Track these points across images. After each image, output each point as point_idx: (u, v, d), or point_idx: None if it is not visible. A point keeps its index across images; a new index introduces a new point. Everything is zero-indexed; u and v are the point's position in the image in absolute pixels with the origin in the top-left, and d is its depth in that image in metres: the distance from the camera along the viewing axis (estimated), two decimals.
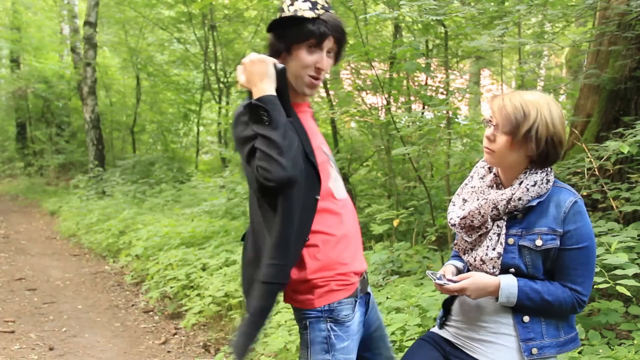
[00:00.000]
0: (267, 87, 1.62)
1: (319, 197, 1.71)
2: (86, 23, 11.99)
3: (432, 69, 5.91)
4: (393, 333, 3.05)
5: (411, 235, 4.95)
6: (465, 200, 1.78)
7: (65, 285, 5.91)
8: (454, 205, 1.81)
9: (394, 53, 5.31)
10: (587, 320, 2.90)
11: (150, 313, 5.01)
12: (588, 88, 4.60)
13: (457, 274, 1.82)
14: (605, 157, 3.34)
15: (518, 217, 1.67)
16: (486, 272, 1.70)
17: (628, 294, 2.53)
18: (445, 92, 5.74)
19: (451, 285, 1.70)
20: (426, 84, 6.39)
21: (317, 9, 1.68)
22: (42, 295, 5.48)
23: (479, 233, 1.71)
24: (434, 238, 4.46)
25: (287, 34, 1.70)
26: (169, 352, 4.13)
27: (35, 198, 13.04)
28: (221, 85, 11.04)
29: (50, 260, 7.15)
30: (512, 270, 1.67)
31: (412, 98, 6.61)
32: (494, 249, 1.67)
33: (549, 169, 1.67)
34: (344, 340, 1.74)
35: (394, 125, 4.84)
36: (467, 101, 8.63)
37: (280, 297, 1.76)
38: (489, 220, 1.68)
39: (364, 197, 6.67)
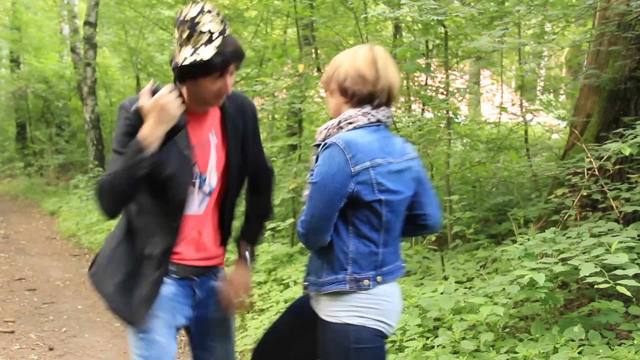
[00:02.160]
0: (150, 131, 1.74)
1: (181, 200, 1.88)
2: (86, 23, 11.99)
3: (432, 69, 5.90)
4: (393, 333, 3.05)
5: None
6: None
7: (65, 286, 5.91)
8: None
9: (394, 53, 5.31)
10: (587, 321, 2.90)
11: None
12: (588, 88, 4.60)
13: None
14: (605, 157, 3.34)
15: None
16: None
17: (628, 294, 2.53)
18: (445, 93, 5.74)
19: None
20: (426, 84, 6.38)
21: (213, 39, 1.74)
22: (42, 296, 5.48)
23: None
24: (433, 238, 4.46)
25: (191, 72, 1.78)
26: None
27: (35, 198, 13.04)
28: None
29: (50, 260, 7.15)
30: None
31: (412, 98, 6.60)
32: None
33: (352, 117, 1.78)
34: None
35: (394, 125, 4.84)
36: (467, 101, 8.62)
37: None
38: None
39: None
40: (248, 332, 3.79)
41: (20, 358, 3.92)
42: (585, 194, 3.60)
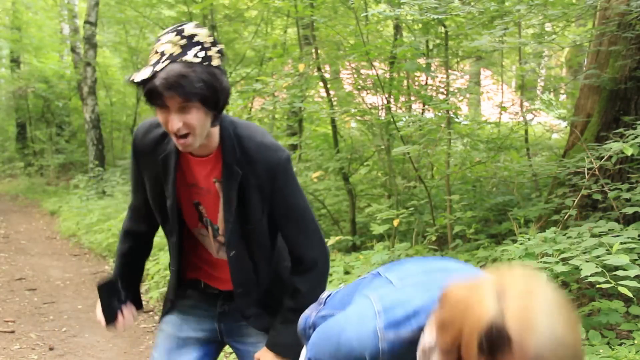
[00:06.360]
0: None
1: (174, 240, 1.79)
2: (86, 23, 11.98)
3: (432, 69, 5.90)
4: None
5: (411, 235, 4.94)
6: None
7: (65, 285, 5.91)
8: None
9: (395, 53, 5.31)
10: (587, 320, 2.89)
11: (151, 313, 5.01)
12: (588, 88, 4.60)
13: None
14: (605, 157, 3.34)
15: None
16: None
17: (630, 294, 2.53)
18: (445, 92, 5.74)
19: None
20: (426, 84, 6.38)
21: (160, 62, 1.43)
22: (42, 295, 5.48)
23: None
24: (434, 238, 4.46)
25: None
26: None
27: (35, 198, 13.04)
28: None
29: (50, 260, 7.15)
30: None
31: (413, 98, 6.61)
32: None
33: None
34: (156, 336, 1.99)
35: (394, 125, 4.84)
36: (468, 101, 8.62)
37: None
38: None
39: (364, 197, 6.66)
40: None
41: (20, 358, 3.91)
42: (585, 193, 3.60)
